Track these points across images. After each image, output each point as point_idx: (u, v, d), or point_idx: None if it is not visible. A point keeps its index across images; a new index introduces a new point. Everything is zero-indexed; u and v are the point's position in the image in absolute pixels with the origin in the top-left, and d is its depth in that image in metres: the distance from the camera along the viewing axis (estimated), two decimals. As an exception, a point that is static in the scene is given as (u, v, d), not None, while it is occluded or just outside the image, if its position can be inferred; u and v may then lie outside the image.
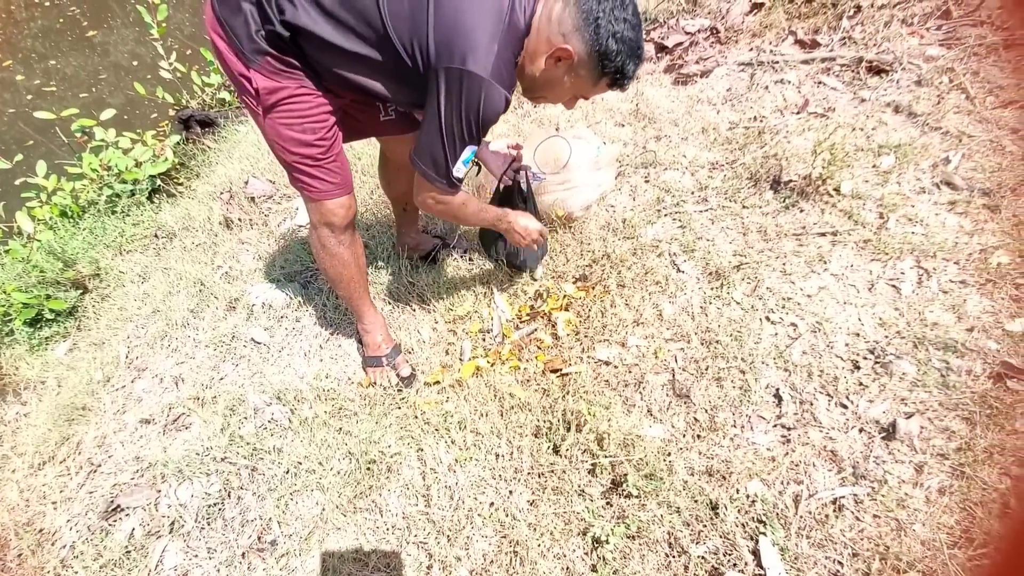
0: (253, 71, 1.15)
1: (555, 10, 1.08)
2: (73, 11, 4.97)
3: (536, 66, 1.14)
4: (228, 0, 1.11)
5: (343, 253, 1.45)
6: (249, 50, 1.13)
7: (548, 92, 1.21)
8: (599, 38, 1.05)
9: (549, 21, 1.08)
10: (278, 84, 1.18)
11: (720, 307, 1.66)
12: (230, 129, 3.12)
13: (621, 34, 1.05)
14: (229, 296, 2.02)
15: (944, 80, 2.19)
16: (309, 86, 1.20)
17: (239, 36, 1.12)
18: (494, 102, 1.08)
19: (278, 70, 1.16)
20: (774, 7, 2.86)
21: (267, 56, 1.14)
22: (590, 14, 1.04)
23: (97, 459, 1.64)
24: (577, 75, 1.13)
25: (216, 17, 1.14)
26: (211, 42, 1.18)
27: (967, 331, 1.46)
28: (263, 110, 1.21)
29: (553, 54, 1.09)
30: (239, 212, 2.40)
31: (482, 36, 1.03)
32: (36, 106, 3.76)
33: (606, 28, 1.04)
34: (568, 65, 1.11)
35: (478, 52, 1.03)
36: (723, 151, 2.21)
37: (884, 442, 1.30)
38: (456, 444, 1.43)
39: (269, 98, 1.19)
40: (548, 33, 1.09)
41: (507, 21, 1.05)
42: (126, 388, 1.84)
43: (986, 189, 1.77)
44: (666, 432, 1.41)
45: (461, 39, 1.03)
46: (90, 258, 2.31)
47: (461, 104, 1.07)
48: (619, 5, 1.04)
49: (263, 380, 1.70)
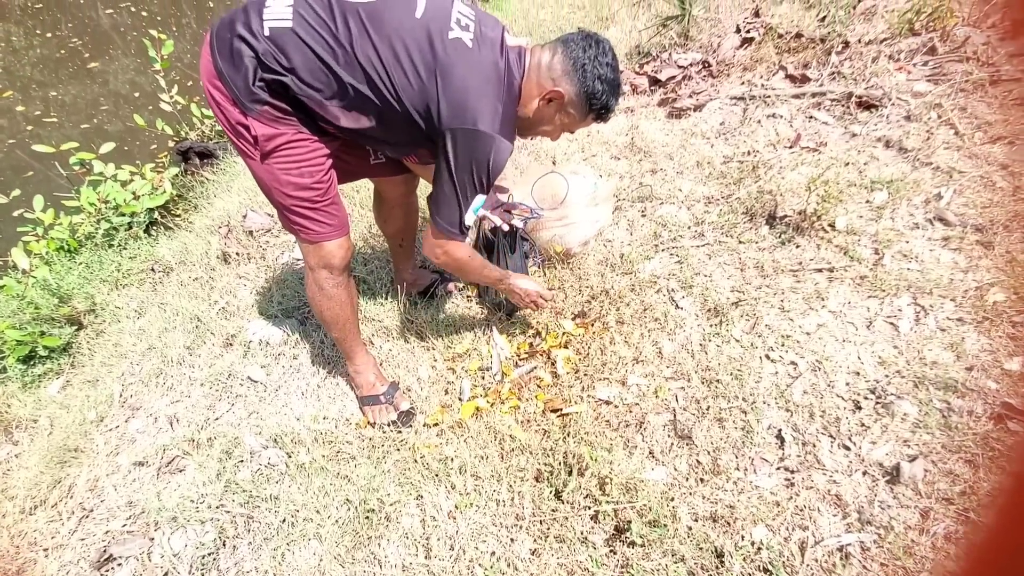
0: (251, 119, 1.17)
1: (543, 59, 1.23)
2: (75, 42, 5.03)
3: (529, 108, 1.26)
4: (228, 53, 1.13)
5: (340, 294, 1.46)
6: (248, 99, 1.15)
7: (539, 128, 1.32)
8: (586, 81, 1.20)
9: (539, 69, 1.23)
10: (276, 131, 1.20)
11: (720, 345, 1.66)
12: (228, 161, 3.13)
13: (604, 76, 1.20)
14: (226, 332, 2.01)
15: (933, 115, 2.23)
16: (305, 132, 1.23)
17: (238, 87, 1.15)
18: (502, 155, 1.20)
19: (276, 117, 1.19)
20: (764, 42, 2.92)
21: (266, 105, 1.17)
22: (577, 61, 1.19)
23: (89, 504, 1.61)
24: (567, 112, 1.27)
25: (215, 69, 1.16)
26: (207, 92, 1.20)
27: (967, 370, 1.46)
28: (261, 156, 1.23)
29: (545, 96, 1.23)
30: (237, 246, 2.40)
31: (487, 99, 1.14)
32: (36, 136, 3.78)
33: (592, 72, 1.19)
34: (559, 104, 1.25)
35: (485, 113, 1.14)
36: (718, 185, 2.23)
37: (888, 486, 1.29)
38: (456, 490, 1.41)
39: (267, 144, 1.21)
40: (539, 79, 1.23)
41: (506, 81, 1.18)
42: (119, 428, 1.81)
43: (979, 225, 1.79)
44: (668, 475, 1.39)
45: (470, 103, 1.14)
46: (86, 293, 2.30)
47: (472, 160, 1.17)
48: (601, 52, 1.20)
49: (260, 421, 1.68)
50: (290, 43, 1.12)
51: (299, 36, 1.12)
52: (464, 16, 1.18)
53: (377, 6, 1.14)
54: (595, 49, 1.19)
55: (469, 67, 1.15)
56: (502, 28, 1.24)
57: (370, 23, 1.13)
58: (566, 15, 4.10)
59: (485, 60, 1.16)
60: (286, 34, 1.12)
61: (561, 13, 4.15)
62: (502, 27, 1.24)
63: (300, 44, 1.12)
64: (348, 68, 1.15)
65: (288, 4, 1.14)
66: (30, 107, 4.12)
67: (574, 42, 1.21)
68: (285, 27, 1.12)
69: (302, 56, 1.12)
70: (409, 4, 1.16)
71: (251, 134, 1.19)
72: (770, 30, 2.95)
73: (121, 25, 5.43)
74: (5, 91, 4.27)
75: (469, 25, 1.17)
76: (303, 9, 1.13)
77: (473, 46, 1.16)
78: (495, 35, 1.19)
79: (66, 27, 5.32)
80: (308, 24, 1.12)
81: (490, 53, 1.17)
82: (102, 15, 5.67)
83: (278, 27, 1.12)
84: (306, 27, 1.12)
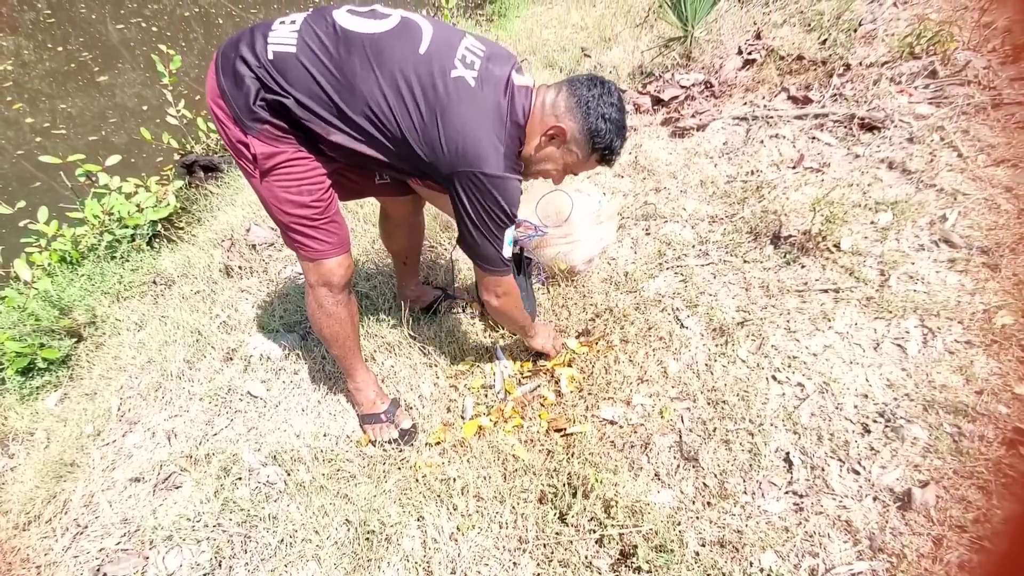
0: (251, 137, 1.18)
1: (548, 97, 1.23)
2: (84, 56, 5.09)
3: (532, 145, 1.25)
4: (231, 73, 1.14)
5: (340, 312, 1.45)
6: (248, 118, 1.16)
7: (542, 167, 1.31)
8: (590, 118, 1.20)
9: (543, 107, 1.23)
10: (276, 149, 1.20)
11: (725, 365, 1.64)
12: (233, 175, 3.15)
13: (608, 115, 1.20)
14: (226, 346, 1.99)
15: (935, 138, 2.24)
16: (304, 151, 1.23)
17: (239, 106, 1.15)
18: (512, 192, 1.21)
19: (276, 136, 1.19)
20: (766, 63, 2.96)
21: (266, 124, 1.17)
22: (581, 98, 1.19)
23: (84, 520, 1.58)
24: (569, 150, 1.26)
25: (218, 88, 1.16)
26: (211, 110, 1.21)
27: (976, 394, 1.44)
28: (260, 174, 1.23)
29: (547, 132, 1.23)
30: (240, 260, 2.39)
31: (488, 140, 1.14)
32: (44, 147, 3.81)
33: (596, 110, 1.19)
34: (561, 141, 1.24)
35: (487, 154, 1.15)
36: (722, 204, 2.24)
37: (900, 512, 1.26)
38: (458, 511, 1.38)
39: (267, 162, 1.21)
40: (542, 116, 1.23)
41: (508, 121, 1.18)
42: (116, 443, 1.79)
43: (984, 247, 1.79)
44: (675, 498, 1.37)
45: (471, 146, 1.14)
46: (87, 305, 2.29)
47: (484, 202, 1.18)
48: (606, 92, 1.20)
49: (259, 437, 1.66)
50: (292, 68, 1.12)
51: (301, 62, 1.12)
52: (471, 52, 1.17)
53: (382, 38, 1.15)
54: (600, 89, 1.20)
55: (470, 107, 1.14)
56: (511, 65, 1.22)
57: (373, 55, 1.13)
58: (569, 35, 4.15)
59: (487, 100, 1.15)
60: (289, 59, 1.12)
61: (564, 33, 4.20)
62: (512, 64, 1.22)
63: (301, 70, 1.12)
64: (349, 98, 1.14)
65: (293, 30, 1.14)
66: (38, 119, 4.16)
67: (579, 82, 1.21)
68: (288, 52, 1.12)
69: (303, 82, 1.13)
70: (414, 38, 1.16)
71: (251, 152, 1.19)
72: (772, 52, 2.98)
73: (131, 40, 5.50)
74: (15, 103, 4.31)
75: (475, 63, 1.16)
76: (308, 36, 1.14)
77: (476, 85, 1.15)
78: (502, 73, 1.18)
79: (76, 41, 5.40)
80: (311, 51, 1.13)
81: (493, 93, 1.16)
82: (112, 30, 5.75)
83: (281, 51, 1.13)
84: (309, 54, 1.12)
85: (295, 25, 1.16)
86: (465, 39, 1.20)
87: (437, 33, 1.18)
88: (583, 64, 3.65)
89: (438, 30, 1.19)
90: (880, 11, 3.05)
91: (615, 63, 3.52)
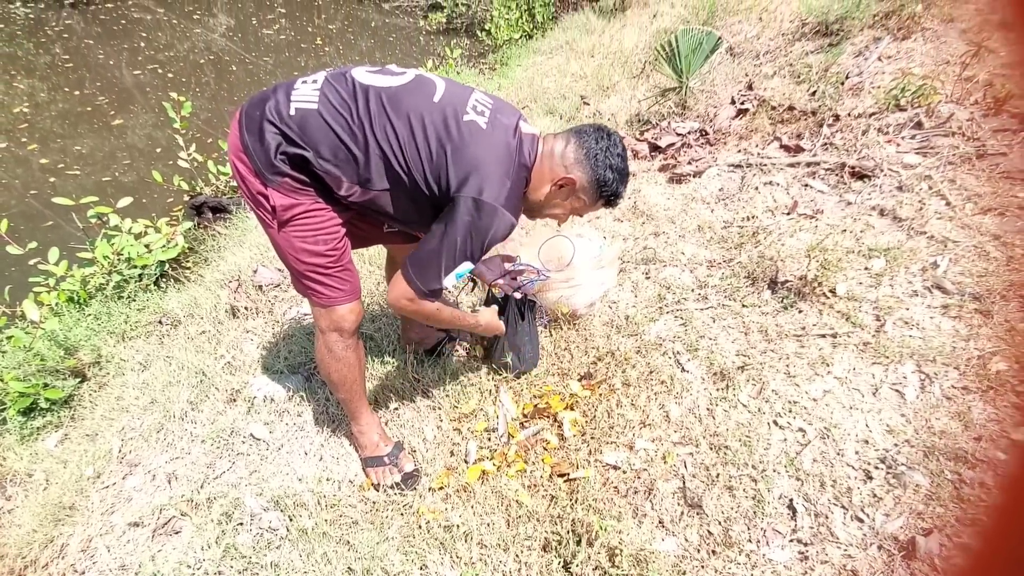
0: (271, 190, 1.23)
1: (556, 148, 1.30)
2: (100, 100, 5.27)
3: (540, 192, 1.32)
4: (256, 129, 1.21)
5: (350, 357, 1.47)
6: (269, 172, 1.22)
7: (549, 212, 1.38)
8: (598, 169, 1.28)
9: (551, 156, 1.30)
10: (295, 201, 1.25)
11: (727, 409, 1.66)
12: (241, 216, 3.22)
13: (615, 165, 1.28)
14: (230, 387, 2.00)
15: (923, 187, 2.32)
16: (321, 202, 1.29)
17: (260, 160, 1.22)
18: (503, 227, 1.23)
19: (295, 188, 1.25)
20: (758, 113, 3.08)
21: (286, 177, 1.23)
22: (590, 151, 1.27)
23: (81, 566, 1.55)
24: (577, 198, 1.34)
25: (241, 143, 1.23)
26: (232, 164, 1.27)
27: (975, 440, 1.46)
28: (279, 224, 1.28)
29: (557, 182, 1.30)
30: (246, 300, 2.42)
31: (496, 174, 1.20)
32: (55, 188, 3.89)
33: (603, 161, 1.27)
34: (570, 190, 1.32)
35: (492, 185, 1.19)
36: (720, 249, 2.29)
37: (905, 561, 1.26)
38: (461, 560, 1.37)
39: (285, 214, 1.26)
40: (551, 165, 1.30)
41: (516, 162, 1.24)
42: (116, 485, 1.77)
43: (976, 294, 1.83)
44: (679, 547, 1.36)
45: (479, 175, 1.19)
46: (92, 345, 2.31)
47: (472, 226, 1.20)
48: (612, 144, 1.29)
49: (261, 481, 1.65)
50: (313, 123, 1.19)
51: (323, 117, 1.19)
52: (481, 103, 1.27)
53: (398, 91, 1.24)
54: (607, 141, 1.28)
55: (481, 145, 1.21)
56: (518, 116, 1.31)
57: (389, 104, 1.22)
58: (569, 84, 4.32)
59: (497, 140, 1.23)
60: (311, 115, 1.20)
61: (564, 82, 4.37)
62: (518, 116, 1.32)
63: (323, 124, 1.19)
64: (364, 147, 1.21)
65: (315, 88, 1.22)
66: (52, 159, 4.27)
67: (587, 134, 1.29)
68: (310, 108, 1.20)
69: (324, 135, 1.20)
70: (428, 90, 1.25)
71: (271, 204, 1.25)
72: (763, 102, 3.12)
73: (147, 85, 5.70)
74: (30, 144, 4.44)
75: (485, 111, 1.25)
76: (329, 92, 1.22)
77: (487, 128, 1.23)
78: (509, 122, 1.27)
79: (94, 85, 5.59)
80: (332, 106, 1.20)
81: (503, 135, 1.24)
82: (127, 75, 5.96)
83: (304, 108, 1.20)
84: (330, 108, 1.20)
85: (316, 84, 1.23)
86: (475, 93, 1.29)
87: (449, 87, 1.28)
88: (582, 111, 3.79)
89: (450, 85, 1.29)
90: (865, 65, 3.20)
91: (613, 111, 3.66)
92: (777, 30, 3.97)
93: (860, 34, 3.53)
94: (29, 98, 5.40)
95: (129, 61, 6.28)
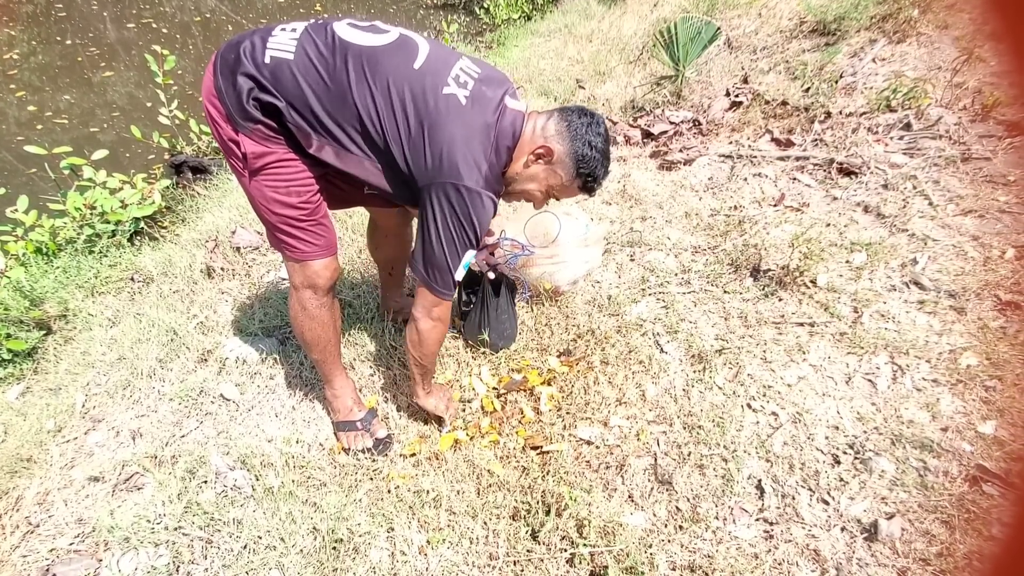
0: (242, 136, 1.18)
1: (539, 122, 1.27)
2: (92, 51, 5.08)
3: (518, 164, 1.28)
4: (228, 73, 1.16)
5: (323, 315, 1.44)
6: (241, 117, 1.17)
7: (526, 186, 1.32)
8: (576, 143, 1.24)
9: (533, 132, 1.26)
10: (266, 149, 1.21)
11: (702, 391, 1.66)
12: (222, 177, 3.13)
13: (595, 144, 1.24)
14: (202, 347, 1.95)
15: (908, 186, 2.35)
16: (294, 153, 1.24)
17: (232, 104, 1.16)
18: (485, 210, 1.20)
19: (267, 136, 1.20)
20: (751, 107, 3.08)
21: (258, 124, 1.18)
22: (571, 124, 1.24)
23: (36, 518, 1.51)
24: (554, 172, 1.28)
25: (214, 86, 1.18)
26: (205, 109, 1.22)
27: (942, 431, 1.48)
28: (250, 173, 1.23)
29: (535, 151, 1.25)
30: (223, 261, 2.36)
31: (471, 156, 1.16)
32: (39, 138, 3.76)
33: (583, 137, 1.24)
34: (547, 161, 1.27)
35: (468, 169, 1.15)
36: (705, 236, 2.29)
37: (866, 543, 1.28)
38: (429, 524, 1.36)
39: (256, 162, 1.21)
40: (532, 138, 1.26)
41: (495, 142, 1.20)
42: (78, 440, 1.72)
43: (952, 291, 1.86)
44: (647, 520, 1.37)
45: (454, 159, 1.15)
46: (59, 298, 2.23)
47: (456, 215, 1.17)
48: (595, 123, 1.25)
49: (228, 441, 1.62)
50: (285, 75, 1.14)
51: (295, 72, 1.14)
52: (465, 73, 1.20)
53: (378, 51, 1.17)
54: (589, 119, 1.24)
55: (457, 123, 1.15)
56: (505, 89, 1.24)
57: (369, 67, 1.15)
58: (565, 67, 4.27)
59: (475, 118, 1.17)
60: (284, 65, 1.14)
61: (560, 65, 4.33)
62: (506, 88, 1.24)
63: (294, 79, 1.14)
64: (339, 107, 1.16)
65: (293, 38, 1.16)
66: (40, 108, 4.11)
67: (570, 110, 1.25)
68: (285, 59, 1.14)
69: (295, 89, 1.14)
70: (410, 54, 1.18)
71: (241, 151, 1.20)
72: (757, 96, 3.12)
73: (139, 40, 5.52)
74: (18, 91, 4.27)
75: (468, 83, 1.18)
76: (307, 44, 1.15)
77: (466, 104, 1.17)
78: (493, 95, 1.20)
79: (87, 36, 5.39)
80: (308, 60, 1.14)
81: (482, 113, 1.18)
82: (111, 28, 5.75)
83: (278, 57, 1.14)
84: (305, 63, 1.14)
85: (295, 33, 1.18)
86: (461, 60, 1.23)
87: (433, 52, 1.21)
88: (577, 95, 3.75)
89: (435, 49, 1.22)
90: (860, 65, 3.21)
91: (608, 96, 3.63)
92: (776, 27, 3.97)
93: (857, 35, 3.54)
94: (8, 47, 5.19)
95: (124, 15, 6.07)
